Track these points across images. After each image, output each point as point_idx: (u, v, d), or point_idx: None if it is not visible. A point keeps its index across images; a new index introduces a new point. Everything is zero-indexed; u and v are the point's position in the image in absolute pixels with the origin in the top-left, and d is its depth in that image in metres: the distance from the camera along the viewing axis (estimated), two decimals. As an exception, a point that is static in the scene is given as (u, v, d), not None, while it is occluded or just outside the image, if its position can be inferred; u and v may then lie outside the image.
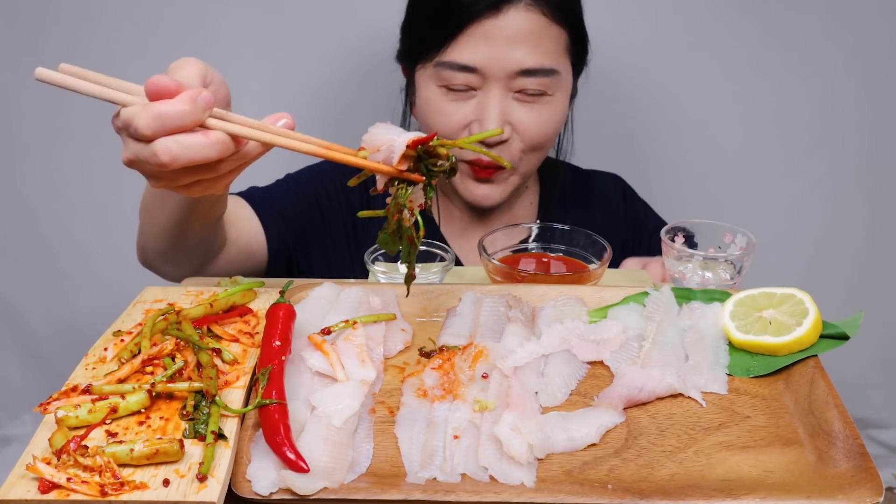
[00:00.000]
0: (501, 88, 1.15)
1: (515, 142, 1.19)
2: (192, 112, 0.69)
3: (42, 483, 0.60)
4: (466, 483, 0.66)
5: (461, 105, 1.18)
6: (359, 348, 0.80)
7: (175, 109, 0.68)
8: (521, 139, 1.19)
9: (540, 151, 1.24)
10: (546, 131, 1.20)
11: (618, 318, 0.87)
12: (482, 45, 1.13)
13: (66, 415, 0.66)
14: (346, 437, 0.70)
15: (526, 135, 1.19)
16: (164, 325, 0.79)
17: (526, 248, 1.12)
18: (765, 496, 0.64)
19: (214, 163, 0.71)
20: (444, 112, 1.19)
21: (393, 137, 0.76)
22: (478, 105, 1.17)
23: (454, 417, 0.73)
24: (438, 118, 1.20)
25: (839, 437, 0.70)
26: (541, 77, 1.15)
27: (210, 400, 0.69)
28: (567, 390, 0.79)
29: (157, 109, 0.68)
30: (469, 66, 1.14)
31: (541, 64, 1.15)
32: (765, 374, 0.81)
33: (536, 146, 1.21)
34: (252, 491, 0.63)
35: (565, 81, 1.20)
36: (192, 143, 0.69)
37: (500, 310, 0.89)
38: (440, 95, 1.19)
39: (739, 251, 0.98)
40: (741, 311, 0.86)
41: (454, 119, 1.18)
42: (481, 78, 1.15)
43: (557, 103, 1.20)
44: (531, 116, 1.18)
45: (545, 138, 1.21)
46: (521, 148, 1.20)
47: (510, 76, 1.14)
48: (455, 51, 1.15)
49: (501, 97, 1.16)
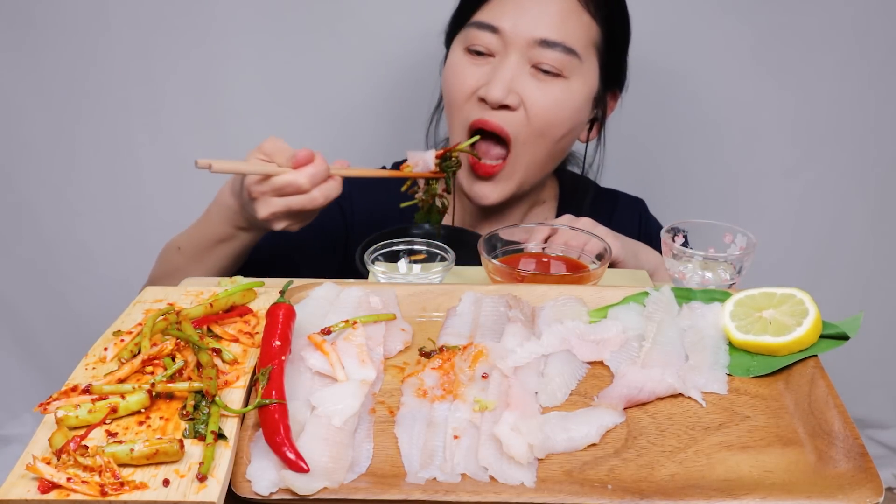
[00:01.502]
0: (519, 57, 1.17)
1: (521, 114, 1.19)
2: (327, 168, 1.07)
3: (42, 483, 0.60)
4: (466, 483, 0.66)
5: (478, 68, 1.20)
6: (359, 348, 0.80)
7: (320, 169, 1.06)
8: (527, 114, 1.19)
9: (545, 140, 1.22)
10: (554, 113, 1.19)
11: (618, 318, 0.87)
12: (511, 8, 1.17)
13: (66, 415, 0.66)
14: (346, 437, 0.69)
15: (532, 110, 1.19)
16: (164, 325, 0.79)
17: (526, 248, 1.12)
18: (765, 496, 0.64)
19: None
20: (461, 74, 1.21)
21: (423, 155, 1.17)
22: (492, 69, 1.18)
23: (454, 417, 0.72)
24: (454, 80, 1.22)
25: (839, 437, 0.70)
26: (559, 53, 1.16)
27: (210, 400, 0.69)
28: (567, 390, 0.79)
29: (310, 171, 1.05)
30: (493, 25, 1.17)
31: (562, 39, 1.16)
32: (765, 374, 0.81)
33: (542, 127, 1.20)
34: (252, 491, 0.63)
35: (586, 71, 1.20)
36: (333, 185, 1.07)
37: (500, 310, 0.89)
38: (463, 57, 1.22)
39: (739, 251, 0.98)
40: (741, 311, 0.86)
41: (467, 82, 1.20)
42: (503, 42, 1.17)
43: (573, 88, 1.20)
44: (541, 92, 1.18)
45: (551, 120, 1.20)
46: (525, 123, 1.19)
47: (530, 44, 1.16)
48: (485, 11, 1.19)
49: (516, 65, 1.17)
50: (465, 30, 1.21)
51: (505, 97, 1.17)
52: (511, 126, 1.19)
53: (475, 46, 1.20)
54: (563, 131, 1.23)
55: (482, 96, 1.18)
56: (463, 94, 1.21)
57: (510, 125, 1.19)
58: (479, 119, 1.20)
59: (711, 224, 1.02)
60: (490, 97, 1.17)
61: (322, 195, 1.06)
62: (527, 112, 1.19)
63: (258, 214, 1.07)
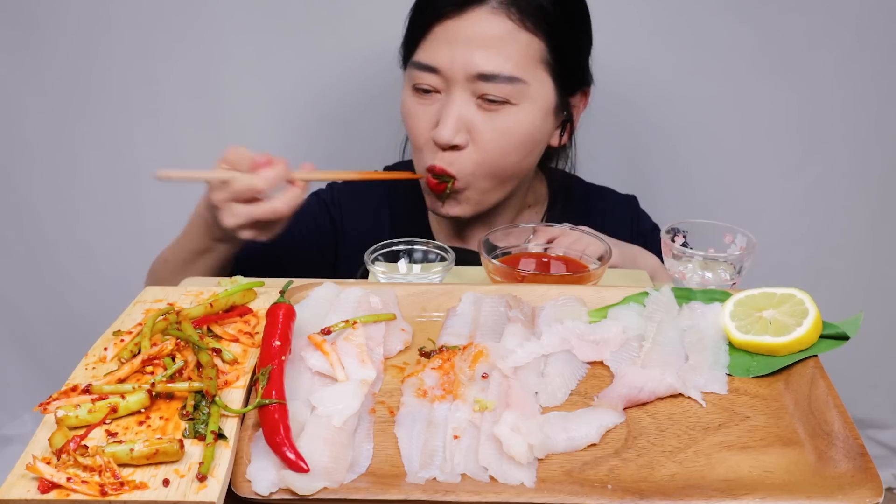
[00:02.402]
0: (463, 92, 1.14)
1: (468, 153, 1.16)
2: (285, 171, 1.05)
3: (42, 483, 0.60)
4: (466, 483, 0.66)
5: (427, 108, 1.18)
6: (359, 348, 0.80)
7: (277, 172, 1.05)
8: (476, 150, 1.16)
9: (498, 168, 1.18)
10: (504, 142, 1.16)
11: (618, 319, 0.87)
12: (444, 47, 1.14)
13: (66, 415, 0.66)
14: (346, 437, 0.70)
15: (480, 143, 1.16)
16: (164, 325, 0.79)
17: (526, 248, 1.12)
18: (765, 496, 0.64)
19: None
20: (414, 114, 1.19)
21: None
22: (440, 108, 1.17)
23: (454, 417, 0.73)
24: (409, 119, 1.21)
25: (839, 438, 0.70)
26: (502, 84, 1.13)
27: (210, 400, 0.69)
28: (567, 390, 0.79)
29: (268, 174, 1.04)
30: (431, 66, 1.15)
31: (500, 70, 1.12)
32: (765, 374, 0.81)
33: (492, 159, 1.17)
34: (252, 491, 0.63)
35: (535, 93, 1.16)
36: (295, 192, 1.06)
37: (500, 310, 0.89)
38: (412, 97, 1.20)
39: (739, 251, 0.98)
40: (741, 311, 0.86)
41: (422, 121, 1.18)
42: (444, 80, 1.15)
43: (522, 115, 1.16)
44: (489, 126, 1.15)
45: (501, 151, 1.17)
46: (475, 159, 1.16)
47: (470, 80, 1.13)
48: (421, 51, 1.16)
49: (462, 101, 1.14)
50: (409, 69, 1.19)
51: (452, 138, 1.14)
52: (455, 165, 1.17)
53: (421, 85, 1.17)
54: (519, 156, 1.20)
55: (433, 138, 1.16)
56: (420, 136, 1.19)
57: (455, 165, 1.17)
58: (430, 166, 1.18)
59: (711, 224, 1.02)
60: (439, 140, 1.15)
61: (284, 204, 1.04)
62: (477, 147, 1.16)
63: (223, 223, 1.06)
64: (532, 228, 1.12)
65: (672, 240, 1.00)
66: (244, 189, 1.04)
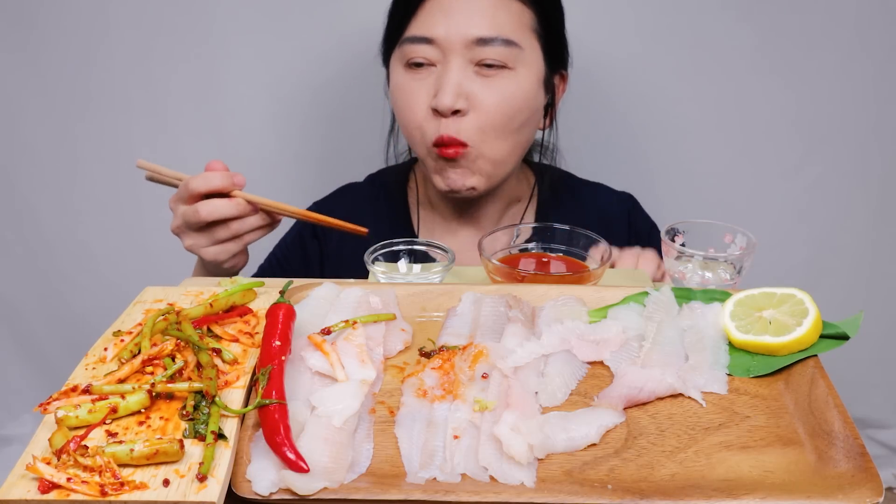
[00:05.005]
0: (460, 60, 1.16)
1: (471, 118, 1.17)
2: (223, 179, 1.07)
3: (42, 483, 0.60)
4: (466, 483, 0.66)
5: (423, 82, 1.18)
6: (359, 348, 0.80)
7: (212, 175, 1.07)
8: (478, 115, 1.17)
9: (504, 134, 1.19)
10: (506, 105, 1.18)
11: (618, 318, 0.87)
12: (440, 17, 1.16)
13: (66, 415, 0.66)
14: (346, 437, 0.70)
15: (482, 109, 1.17)
16: (164, 325, 0.79)
17: (526, 248, 1.12)
18: (765, 496, 0.64)
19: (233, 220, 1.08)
20: (409, 91, 1.19)
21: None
22: (437, 78, 1.17)
23: (454, 417, 0.73)
24: (404, 99, 1.20)
25: (839, 437, 0.70)
26: (499, 47, 1.15)
27: (210, 400, 0.69)
28: (567, 390, 0.79)
29: (207, 175, 1.07)
30: (427, 37, 1.16)
31: (497, 33, 1.15)
32: (765, 374, 0.81)
33: (497, 124, 1.18)
34: (252, 491, 0.63)
35: (530, 59, 1.19)
36: (220, 203, 1.07)
37: (500, 310, 0.89)
38: (405, 75, 1.20)
39: (739, 251, 0.98)
40: (741, 311, 0.86)
41: (419, 97, 1.18)
42: (440, 51, 1.16)
43: (520, 79, 1.18)
44: (490, 90, 1.16)
45: (505, 113, 1.18)
46: (479, 125, 1.17)
47: (467, 46, 1.15)
48: (415, 25, 1.18)
49: (460, 69, 1.16)
50: (400, 47, 1.20)
51: (455, 102, 1.15)
52: (465, 132, 1.17)
53: (415, 59, 1.18)
54: (520, 121, 1.21)
55: (434, 107, 1.17)
56: (418, 111, 1.19)
57: (464, 132, 1.17)
58: (437, 137, 1.18)
59: (711, 224, 1.02)
60: (440, 106, 1.15)
61: (205, 210, 1.06)
62: (478, 112, 1.17)
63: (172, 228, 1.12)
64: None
65: (672, 240, 1.00)
66: (182, 188, 1.08)
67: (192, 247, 1.11)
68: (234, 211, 1.07)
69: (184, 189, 1.07)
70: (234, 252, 1.12)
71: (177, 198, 1.10)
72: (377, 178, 1.43)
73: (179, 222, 1.10)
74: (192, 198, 1.07)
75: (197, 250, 1.11)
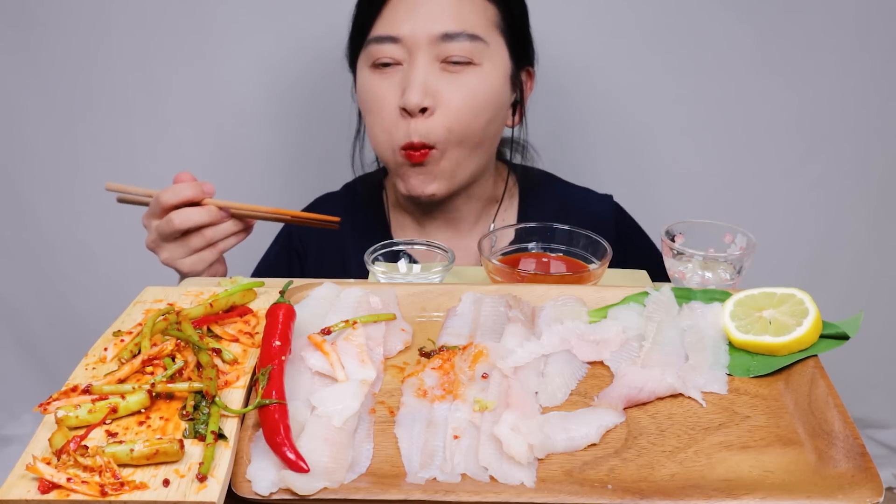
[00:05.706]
0: (426, 57, 1.16)
1: (438, 117, 1.16)
2: (192, 189, 1.07)
3: (42, 483, 0.60)
4: (466, 483, 0.66)
5: (391, 82, 1.18)
6: (359, 348, 0.80)
7: (181, 186, 1.07)
8: (445, 112, 1.16)
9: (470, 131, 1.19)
10: (473, 102, 1.17)
11: (618, 318, 0.87)
12: (404, 15, 1.16)
13: (66, 415, 0.66)
14: (346, 437, 0.70)
15: (448, 106, 1.16)
16: (164, 325, 0.79)
17: (526, 248, 1.12)
18: (765, 496, 0.64)
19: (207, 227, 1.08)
20: (377, 92, 1.19)
21: None
22: (403, 77, 1.17)
23: (454, 417, 0.73)
24: (373, 100, 1.20)
25: (839, 437, 0.70)
26: (464, 42, 1.15)
27: (210, 400, 0.69)
28: (567, 390, 0.79)
29: (176, 187, 1.07)
30: (392, 36, 1.16)
31: (462, 28, 1.15)
32: (765, 374, 0.81)
33: (464, 121, 1.17)
34: (252, 491, 0.63)
35: (495, 55, 1.19)
36: (192, 211, 1.07)
37: (500, 310, 0.89)
38: (372, 76, 1.20)
39: (739, 251, 0.98)
40: (741, 311, 0.86)
41: (387, 98, 1.18)
42: (406, 49, 1.16)
43: (486, 74, 1.18)
44: (456, 86, 1.16)
45: (470, 110, 1.17)
46: (445, 124, 1.17)
47: (433, 42, 1.15)
48: (380, 25, 1.18)
49: (426, 66, 1.16)
50: (366, 48, 1.20)
51: (422, 100, 1.14)
52: (431, 135, 1.17)
53: (381, 59, 1.18)
54: (487, 118, 1.20)
55: (402, 106, 1.16)
56: (386, 113, 1.18)
57: (430, 135, 1.17)
58: (407, 142, 1.17)
59: (711, 224, 1.02)
60: (409, 105, 1.15)
61: (179, 219, 1.06)
62: (445, 109, 1.16)
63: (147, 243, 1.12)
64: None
65: (672, 240, 1.00)
66: (153, 203, 1.08)
67: (168, 259, 1.11)
68: (206, 218, 1.07)
69: (155, 204, 1.07)
70: (210, 261, 1.11)
71: (149, 213, 1.10)
72: (352, 187, 1.43)
73: (154, 236, 1.10)
74: (163, 211, 1.07)
75: (173, 263, 1.11)
